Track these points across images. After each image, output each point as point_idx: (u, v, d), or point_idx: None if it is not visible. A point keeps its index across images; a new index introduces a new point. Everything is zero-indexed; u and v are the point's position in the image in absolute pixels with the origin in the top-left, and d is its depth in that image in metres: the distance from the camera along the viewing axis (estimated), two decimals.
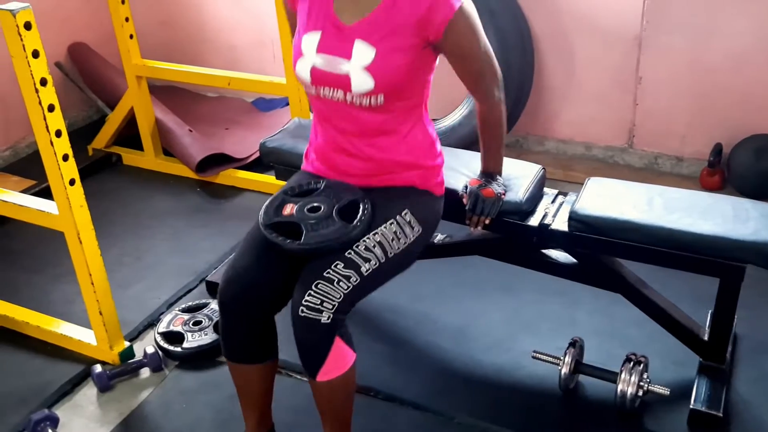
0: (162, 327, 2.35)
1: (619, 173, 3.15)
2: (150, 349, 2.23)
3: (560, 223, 2.00)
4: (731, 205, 1.93)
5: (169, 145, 3.39)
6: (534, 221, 2.02)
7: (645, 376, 1.95)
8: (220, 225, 2.99)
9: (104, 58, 3.77)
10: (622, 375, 1.93)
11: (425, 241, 1.84)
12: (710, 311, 2.09)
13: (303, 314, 1.60)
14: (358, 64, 1.67)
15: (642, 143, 3.21)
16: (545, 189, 2.13)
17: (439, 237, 2.32)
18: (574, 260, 2.07)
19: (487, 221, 1.92)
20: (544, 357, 2.06)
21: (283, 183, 1.94)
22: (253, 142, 3.34)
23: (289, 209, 1.73)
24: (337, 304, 1.60)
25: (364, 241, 1.67)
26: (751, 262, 1.82)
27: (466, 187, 1.95)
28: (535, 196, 2.06)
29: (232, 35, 3.94)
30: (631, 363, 1.95)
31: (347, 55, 1.68)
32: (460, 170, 2.06)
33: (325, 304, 1.59)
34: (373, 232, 1.70)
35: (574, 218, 1.95)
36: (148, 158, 3.44)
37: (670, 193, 2.01)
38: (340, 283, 1.61)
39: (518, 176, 2.06)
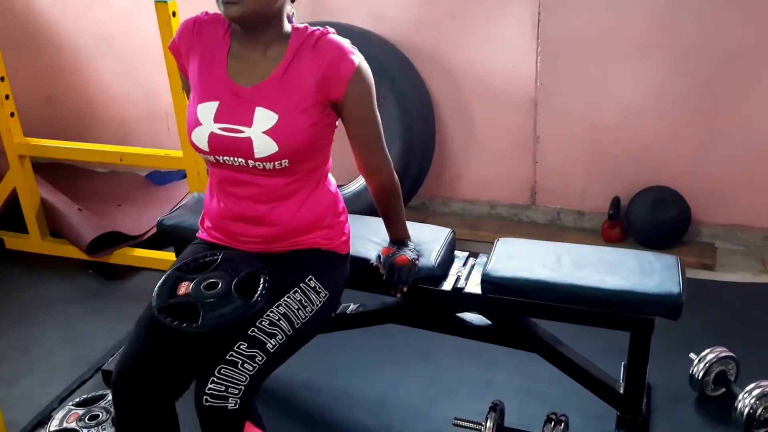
0: (54, 425, 2.14)
1: (524, 230, 3.20)
2: None
3: (473, 287, 1.98)
4: (636, 259, 1.96)
5: (57, 226, 3.19)
6: (447, 286, 1.99)
7: None
8: (116, 308, 2.80)
9: None
10: None
11: (333, 305, 1.77)
12: (624, 363, 2.10)
13: (208, 404, 1.48)
14: (260, 129, 1.62)
15: (544, 200, 3.28)
16: (456, 252, 2.11)
17: (351, 307, 2.25)
18: (489, 322, 2.04)
19: (404, 289, 1.87)
20: (465, 423, 2.00)
21: None
22: (149, 218, 3.20)
23: (184, 288, 1.60)
24: (243, 389, 1.49)
25: (267, 315, 1.59)
26: (658, 314, 1.83)
27: (379, 257, 1.90)
28: (447, 260, 2.03)
29: (123, 109, 3.81)
30: (552, 423, 1.92)
31: (248, 123, 1.63)
32: (370, 237, 2.02)
33: (230, 390, 1.48)
34: (277, 304, 1.61)
35: (486, 280, 1.92)
36: (33, 241, 3.22)
37: (577, 249, 2.03)
38: (245, 365, 1.51)
39: (428, 241, 2.03)
